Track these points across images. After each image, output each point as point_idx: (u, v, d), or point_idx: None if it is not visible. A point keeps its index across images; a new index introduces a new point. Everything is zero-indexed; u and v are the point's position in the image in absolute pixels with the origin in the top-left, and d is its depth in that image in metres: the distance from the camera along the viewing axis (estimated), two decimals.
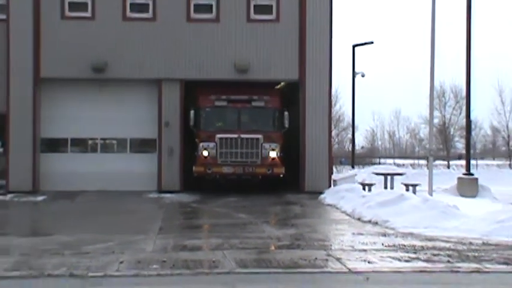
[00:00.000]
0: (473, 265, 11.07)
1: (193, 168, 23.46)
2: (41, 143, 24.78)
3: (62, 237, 13.96)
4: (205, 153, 23.16)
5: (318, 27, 24.88)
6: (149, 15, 24.86)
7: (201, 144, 23.39)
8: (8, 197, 22.79)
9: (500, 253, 12.21)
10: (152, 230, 15.14)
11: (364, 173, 32.91)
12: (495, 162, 69.07)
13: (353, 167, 41.48)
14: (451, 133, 71.86)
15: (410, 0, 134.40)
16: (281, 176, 23.59)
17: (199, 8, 24.94)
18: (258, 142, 23.23)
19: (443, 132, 69.45)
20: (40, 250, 12.25)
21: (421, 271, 10.62)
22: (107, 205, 20.97)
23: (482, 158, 74.91)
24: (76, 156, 25.17)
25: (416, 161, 72.05)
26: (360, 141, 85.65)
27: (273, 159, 23.27)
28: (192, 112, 23.70)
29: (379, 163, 63.72)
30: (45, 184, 24.38)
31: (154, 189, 24.44)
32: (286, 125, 23.92)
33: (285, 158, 23.96)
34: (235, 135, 23.20)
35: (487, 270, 10.79)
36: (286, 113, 23.88)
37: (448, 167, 58.74)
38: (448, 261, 11.31)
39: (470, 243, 13.31)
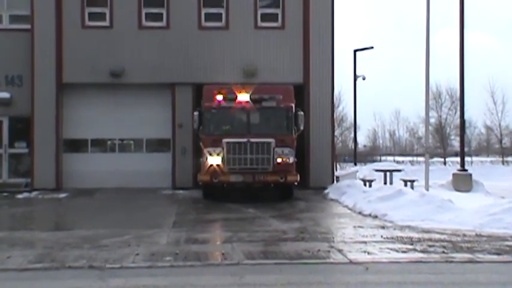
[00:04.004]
0: (467, 255, 10.99)
1: (198, 176, 20.47)
2: (64, 143, 24.86)
3: (82, 231, 13.95)
4: (210, 160, 19.59)
5: (321, 33, 24.87)
6: (163, 23, 24.91)
7: (206, 150, 19.79)
8: (33, 194, 22.84)
9: (492, 244, 12.12)
10: (166, 224, 15.13)
11: (365, 170, 32.84)
12: (489, 159, 68.88)
13: (355, 164, 41.33)
14: (447, 132, 71.75)
15: (407, 7, 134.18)
16: (295, 183, 20.43)
17: (209, 17, 24.98)
18: (269, 147, 19.58)
19: (439, 131, 69.34)
20: (62, 243, 12.23)
21: (417, 261, 10.54)
22: (124, 201, 20.93)
23: (477, 155, 74.80)
24: (96, 156, 25.23)
25: (415, 158, 71.96)
26: (362, 140, 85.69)
27: (287, 165, 19.75)
28: (195, 114, 20.43)
29: (380, 160, 63.72)
30: (68, 182, 24.47)
31: (168, 186, 24.46)
32: (301, 127, 20.62)
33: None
34: (244, 140, 19.60)
35: (479, 260, 10.70)
36: (300, 113, 20.42)
37: (445, 163, 58.61)
38: (443, 252, 11.23)
39: (464, 235, 13.23)
